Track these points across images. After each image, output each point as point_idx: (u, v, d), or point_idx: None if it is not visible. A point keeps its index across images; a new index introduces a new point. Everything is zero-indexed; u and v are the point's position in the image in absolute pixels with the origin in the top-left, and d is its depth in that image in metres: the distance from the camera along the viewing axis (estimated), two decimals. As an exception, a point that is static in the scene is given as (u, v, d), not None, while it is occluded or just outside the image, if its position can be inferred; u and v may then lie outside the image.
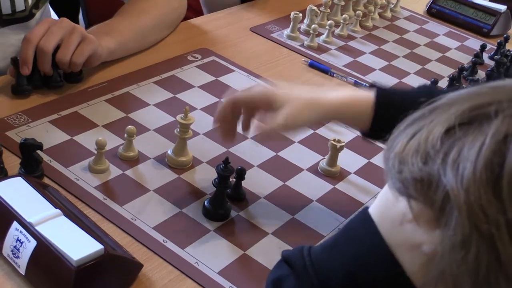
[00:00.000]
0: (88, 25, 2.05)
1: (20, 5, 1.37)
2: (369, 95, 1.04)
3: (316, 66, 1.59)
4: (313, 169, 1.22)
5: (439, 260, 0.57)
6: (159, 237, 0.99)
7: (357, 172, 1.23)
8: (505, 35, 1.87)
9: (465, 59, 1.81)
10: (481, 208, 0.53)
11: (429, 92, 1.05)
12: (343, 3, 1.84)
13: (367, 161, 1.27)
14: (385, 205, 0.67)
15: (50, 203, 0.91)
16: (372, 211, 0.69)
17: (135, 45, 1.45)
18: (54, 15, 1.85)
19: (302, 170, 1.21)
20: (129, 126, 1.12)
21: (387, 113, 1.01)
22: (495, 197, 0.54)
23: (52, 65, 1.24)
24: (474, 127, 0.57)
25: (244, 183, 1.11)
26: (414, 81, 1.63)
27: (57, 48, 1.24)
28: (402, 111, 0.88)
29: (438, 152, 0.57)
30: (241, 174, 1.08)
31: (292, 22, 1.70)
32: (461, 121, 0.58)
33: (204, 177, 1.13)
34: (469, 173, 0.54)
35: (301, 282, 0.71)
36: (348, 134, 1.32)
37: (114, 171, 1.11)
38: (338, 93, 1.06)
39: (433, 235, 0.58)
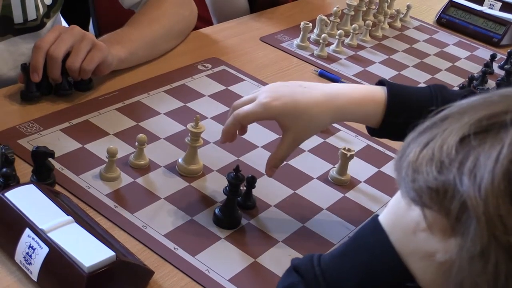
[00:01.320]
0: (98, 35, 2.05)
1: (31, 15, 1.38)
2: (380, 94, 1.04)
3: (326, 75, 1.59)
4: (323, 178, 1.22)
5: (457, 271, 0.56)
6: (170, 245, 1.00)
7: (367, 181, 1.23)
8: (515, 45, 1.87)
9: (475, 69, 1.80)
10: (500, 219, 0.53)
11: (440, 92, 1.05)
12: (353, 13, 1.84)
13: (377, 170, 1.27)
14: (397, 213, 0.66)
15: (62, 210, 0.92)
16: (382, 219, 0.69)
17: (145, 54, 1.46)
18: (65, 25, 1.86)
19: (312, 178, 1.21)
20: (140, 135, 1.12)
21: (398, 112, 1.01)
22: None
23: (62, 72, 1.25)
24: (490, 136, 0.56)
25: (254, 191, 1.11)
26: (424, 91, 1.63)
27: (67, 55, 1.25)
28: (414, 110, 0.88)
29: (453, 161, 0.57)
30: (251, 182, 1.09)
31: (302, 32, 1.70)
32: (476, 130, 0.57)
33: (214, 185, 1.14)
34: (487, 183, 0.54)
35: None
36: (358, 143, 1.32)
37: (125, 179, 1.11)
38: (349, 94, 1.05)
39: (447, 244, 0.58)
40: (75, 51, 1.25)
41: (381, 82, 1.08)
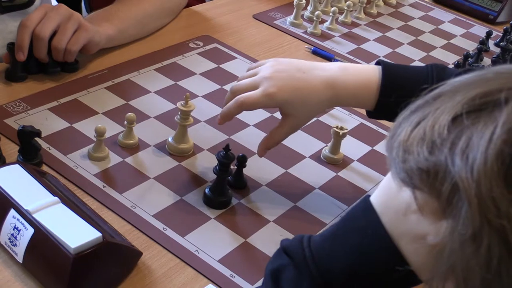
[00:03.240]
0: (90, 12, 2.03)
1: (19, -8, 1.35)
2: (375, 77, 1.03)
3: (320, 53, 1.57)
4: (316, 157, 1.20)
5: (449, 254, 0.55)
6: (159, 225, 0.98)
7: (360, 160, 1.22)
8: (511, 22, 1.85)
9: (471, 46, 1.79)
10: (492, 201, 0.52)
11: (437, 72, 1.03)
12: (347, -11, 1.82)
13: (370, 148, 1.25)
14: (388, 194, 0.65)
15: (48, 190, 0.90)
16: (374, 200, 0.67)
17: (135, 32, 1.44)
18: (55, 3, 1.83)
19: (304, 157, 1.19)
20: (129, 113, 1.10)
21: (391, 94, 1.00)
22: (506, 189, 0.52)
23: (48, 51, 1.23)
24: (483, 115, 0.55)
25: (245, 171, 1.09)
26: (419, 68, 1.61)
27: (53, 34, 1.22)
28: (407, 91, 0.87)
29: (445, 141, 0.55)
30: (242, 161, 1.07)
31: (295, 9, 1.68)
32: (469, 108, 0.56)
33: (205, 164, 1.12)
34: (479, 164, 0.52)
35: (301, 273, 0.69)
36: (351, 121, 1.31)
37: (114, 159, 1.09)
38: (345, 80, 1.03)
39: (438, 226, 0.57)
40: (61, 31, 1.23)
41: (379, 63, 1.06)
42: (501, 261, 0.52)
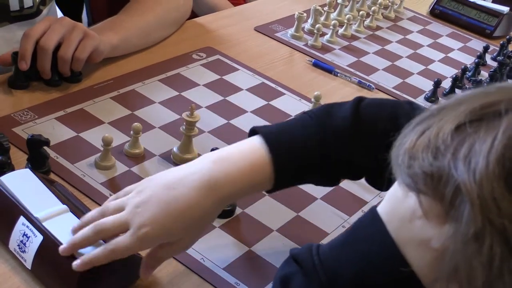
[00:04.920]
0: (91, 23, 2.05)
1: (28, 2, 1.37)
2: (261, 155, 0.87)
3: (320, 65, 1.59)
4: (317, 168, 1.22)
5: (452, 255, 0.57)
6: (165, 233, 1.00)
7: (361, 171, 1.24)
8: (507, 37, 1.88)
9: (468, 60, 1.82)
10: (494, 202, 0.54)
11: (325, 127, 0.90)
12: (347, 3, 1.84)
13: (371, 160, 1.27)
14: (394, 203, 0.67)
15: (58, 198, 0.92)
16: (380, 210, 0.69)
17: (138, 42, 1.46)
18: (60, 13, 1.85)
19: (306, 168, 1.21)
20: (135, 123, 1.12)
21: (289, 162, 0.88)
22: (507, 191, 0.55)
23: (51, 66, 1.25)
24: (485, 123, 0.58)
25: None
26: (418, 81, 1.64)
27: (57, 47, 1.24)
28: (303, 149, 0.88)
29: (449, 147, 0.58)
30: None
31: (296, 22, 1.70)
32: (471, 118, 0.59)
33: (209, 174, 1.14)
34: (481, 167, 0.55)
35: (310, 280, 0.71)
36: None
37: (120, 168, 1.11)
38: (228, 175, 0.85)
39: (442, 229, 0.59)
40: (67, 41, 1.25)
41: (254, 131, 0.91)
42: (503, 260, 0.54)
